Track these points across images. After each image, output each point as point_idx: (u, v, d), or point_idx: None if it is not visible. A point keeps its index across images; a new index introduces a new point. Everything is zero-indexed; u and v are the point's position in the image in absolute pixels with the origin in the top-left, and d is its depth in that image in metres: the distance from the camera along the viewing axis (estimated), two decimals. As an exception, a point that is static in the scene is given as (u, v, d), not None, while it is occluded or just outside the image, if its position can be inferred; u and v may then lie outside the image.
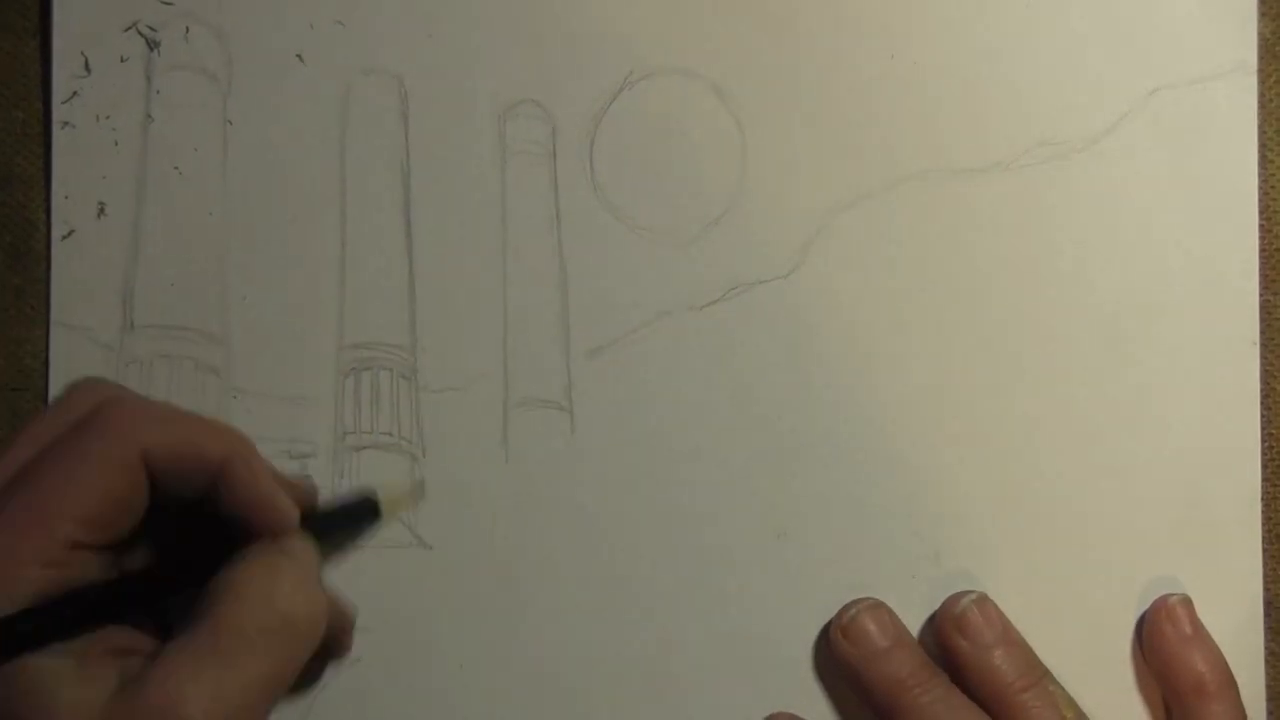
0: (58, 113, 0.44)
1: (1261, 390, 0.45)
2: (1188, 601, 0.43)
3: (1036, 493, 0.44)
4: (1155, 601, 0.44)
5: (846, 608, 0.43)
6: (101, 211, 0.44)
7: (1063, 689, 0.42)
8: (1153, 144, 0.45)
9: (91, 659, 0.33)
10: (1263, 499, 0.44)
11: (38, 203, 0.44)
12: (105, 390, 0.36)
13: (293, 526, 0.36)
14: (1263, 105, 0.45)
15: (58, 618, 0.32)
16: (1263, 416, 0.45)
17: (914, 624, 0.44)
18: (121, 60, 0.44)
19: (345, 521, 0.39)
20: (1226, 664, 0.42)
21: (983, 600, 0.43)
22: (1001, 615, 0.43)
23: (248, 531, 0.35)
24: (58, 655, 0.32)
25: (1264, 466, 0.45)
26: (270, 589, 0.34)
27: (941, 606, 0.43)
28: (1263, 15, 0.45)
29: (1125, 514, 0.44)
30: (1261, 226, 0.45)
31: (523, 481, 0.44)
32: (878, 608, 0.43)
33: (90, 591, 0.33)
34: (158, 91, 0.44)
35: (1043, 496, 0.44)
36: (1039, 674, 0.42)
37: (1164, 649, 0.43)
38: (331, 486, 0.44)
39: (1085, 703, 0.42)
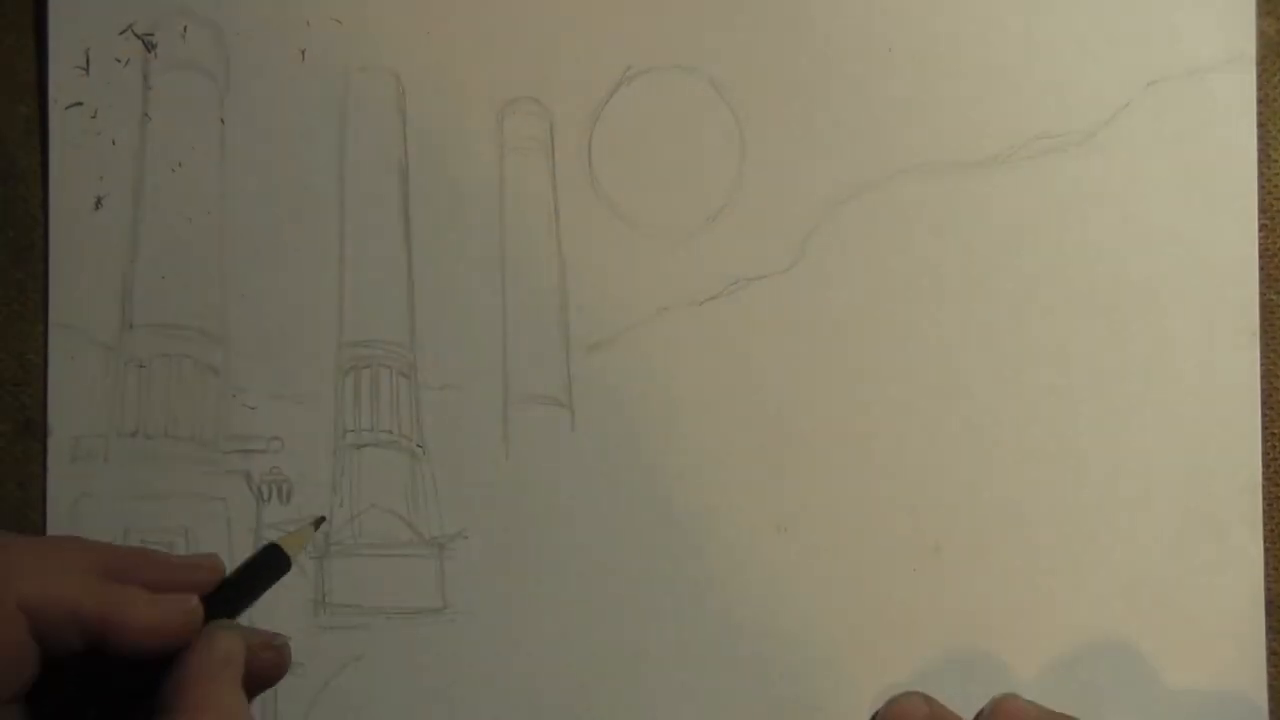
0: (55, 111, 0.44)
1: (1262, 390, 0.45)
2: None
3: (1036, 488, 0.44)
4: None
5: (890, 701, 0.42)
6: (99, 210, 0.44)
7: None
8: (1151, 136, 0.45)
9: None
10: (1263, 498, 0.44)
11: (40, 197, 0.44)
12: None
13: (190, 632, 0.33)
14: (1264, 103, 0.45)
15: None
16: (1264, 416, 0.45)
17: (914, 620, 0.44)
18: (119, 59, 0.44)
19: (256, 577, 0.37)
20: None
21: (1009, 697, 0.42)
22: (1031, 703, 0.41)
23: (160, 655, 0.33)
24: None
25: (1265, 466, 0.44)
26: None
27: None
28: (1265, 14, 0.45)
29: (1125, 510, 0.44)
30: (1262, 226, 0.45)
31: (523, 477, 0.44)
32: (913, 695, 0.43)
33: None
34: (155, 90, 0.44)
35: (1043, 491, 0.44)
36: None
37: None
38: (333, 485, 0.44)
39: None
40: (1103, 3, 0.45)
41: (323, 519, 0.38)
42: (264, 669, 0.34)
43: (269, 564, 0.37)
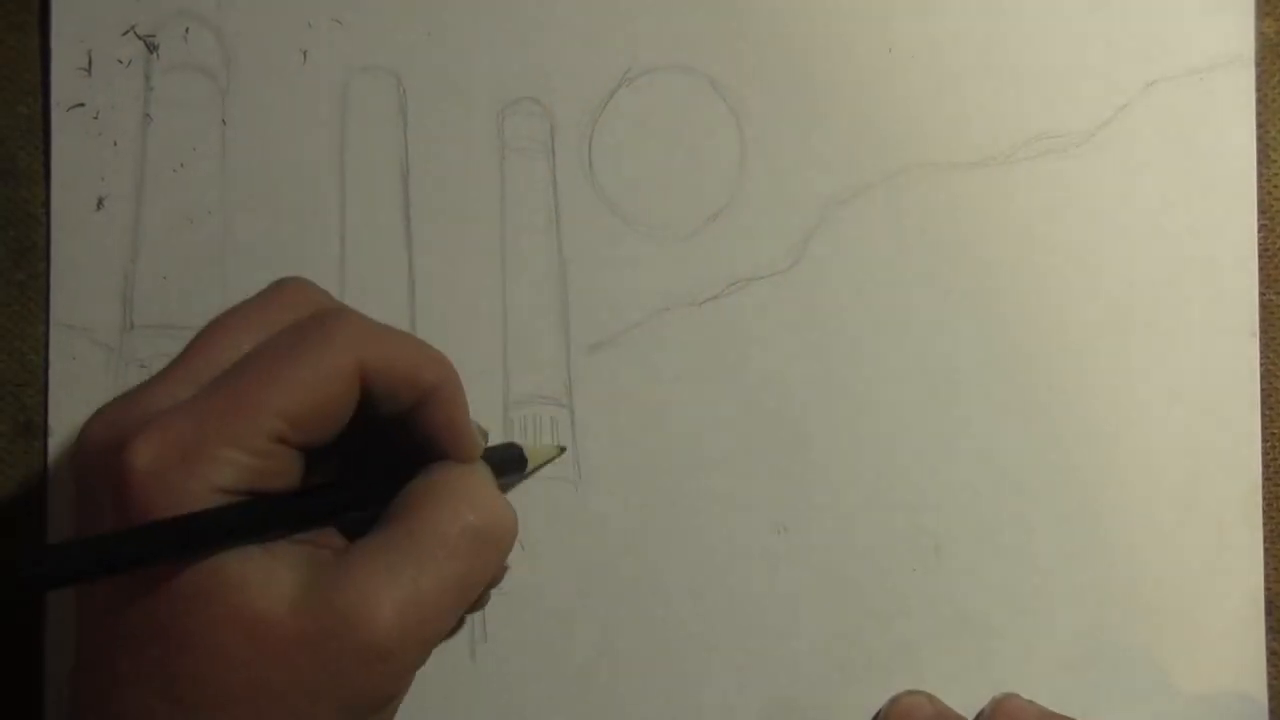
0: (57, 112, 0.44)
1: (1262, 390, 0.45)
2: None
3: (1036, 487, 0.44)
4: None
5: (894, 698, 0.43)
6: (100, 211, 0.44)
7: None
8: (1151, 136, 0.45)
9: (279, 545, 0.33)
10: (1263, 498, 0.44)
11: (42, 198, 0.44)
12: (322, 298, 0.37)
13: (479, 455, 0.37)
14: (1264, 103, 0.45)
15: (253, 519, 0.32)
16: (1264, 416, 0.45)
17: (915, 618, 0.44)
18: (121, 60, 0.44)
19: (500, 465, 0.40)
20: None
21: (1010, 696, 0.43)
22: (1031, 703, 0.42)
23: (436, 455, 0.36)
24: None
25: (1265, 466, 0.44)
26: (470, 496, 0.35)
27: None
28: (1265, 14, 0.45)
29: (1125, 510, 0.44)
30: (1262, 226, 0.45)
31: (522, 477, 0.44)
32: (917, 694, 0.43)
33: (285, 499, 0.33)
34: (157, 91, 0.44)
35: (1043, 491, 0.44)
36: None
37: None
38: (332, 484, 0.44)
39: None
40: (1103, 3, 0.45)
41: (564, 449, 0.43)
42: None
43: (509, 460, 0.41)
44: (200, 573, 0.32)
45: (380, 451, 0.37)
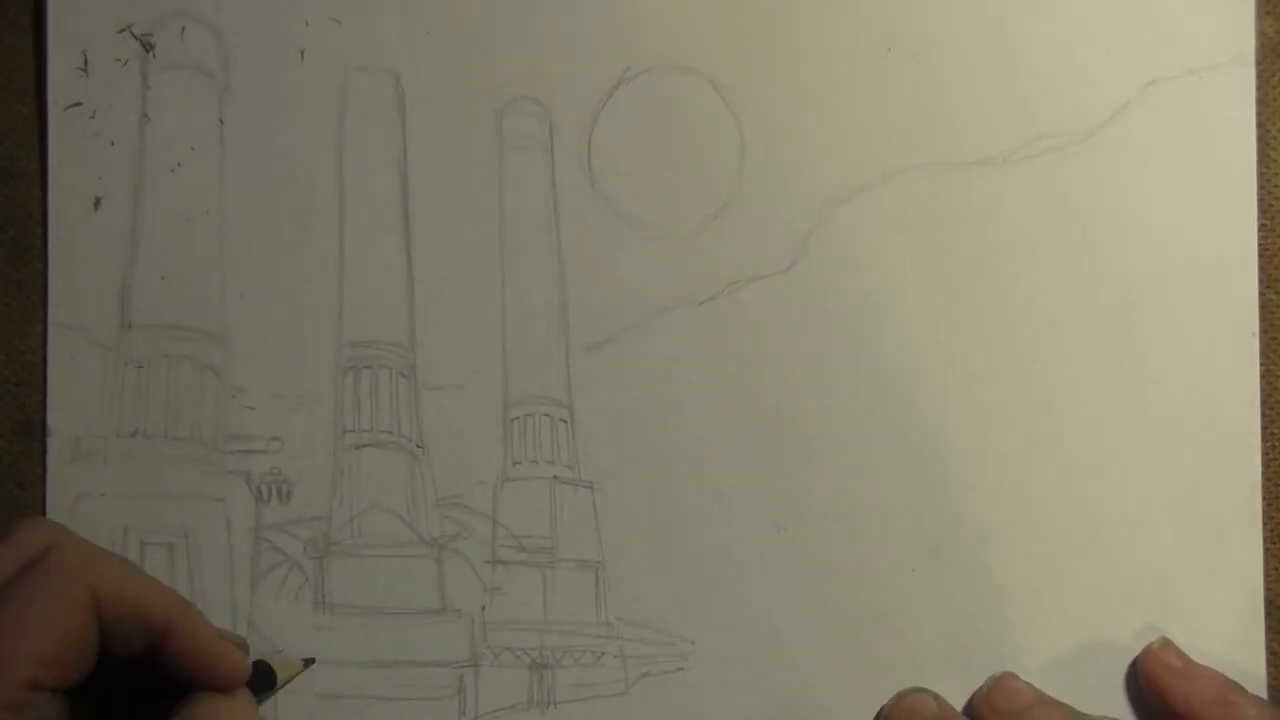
0: (54, 112, 0.44)
1: (1262, 389, 0.45)
2: (1168, 642, 0.43)
3: (1036, 487, 0.44)
4: (1141, 654, 0.43)
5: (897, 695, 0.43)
6: (98, 211, 0.44)
7: None
8: (1151, 135, 0.45)
9: None
10: (1263, 497, 0.44)
11: (39, 197, 0.44)
12: (54, 532, 0.37)
13: (244, 680, 0.37)
14: (1263, 103, 0.45)
15: None
16: (1264, 415, 0.45)
17: (914, 620, 0.44)
18: (118, 59, 0.44)
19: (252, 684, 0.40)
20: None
21: (1007, 676, 0.43)
22: (1029, 685, 0.43)
23: (199, 685, 0.36)
24: None
25: (1265, 466, 0.44)
26: None
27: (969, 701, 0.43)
28: (1265, 14, 0.45)
29: (1125, 510, 0.44)
30: (1262, 226, 0.45)
31: (522, 477, 0.44)
32: (922, 692, 0.43)
33: None
34: (154, 90, 0.44)
35: (1043, 490, 0.44)
36: None
37: (1166, 681, 0.42)
38: (332, 485, 0.44)
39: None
40: (1102, 3, 0.45)
41: (312, 661, 0.42)
42: None
43: (257, 677, 0.40)
44: None
45: (146, 686, 0.37)
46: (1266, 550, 0.44)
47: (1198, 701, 0.42)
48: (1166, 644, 0.43)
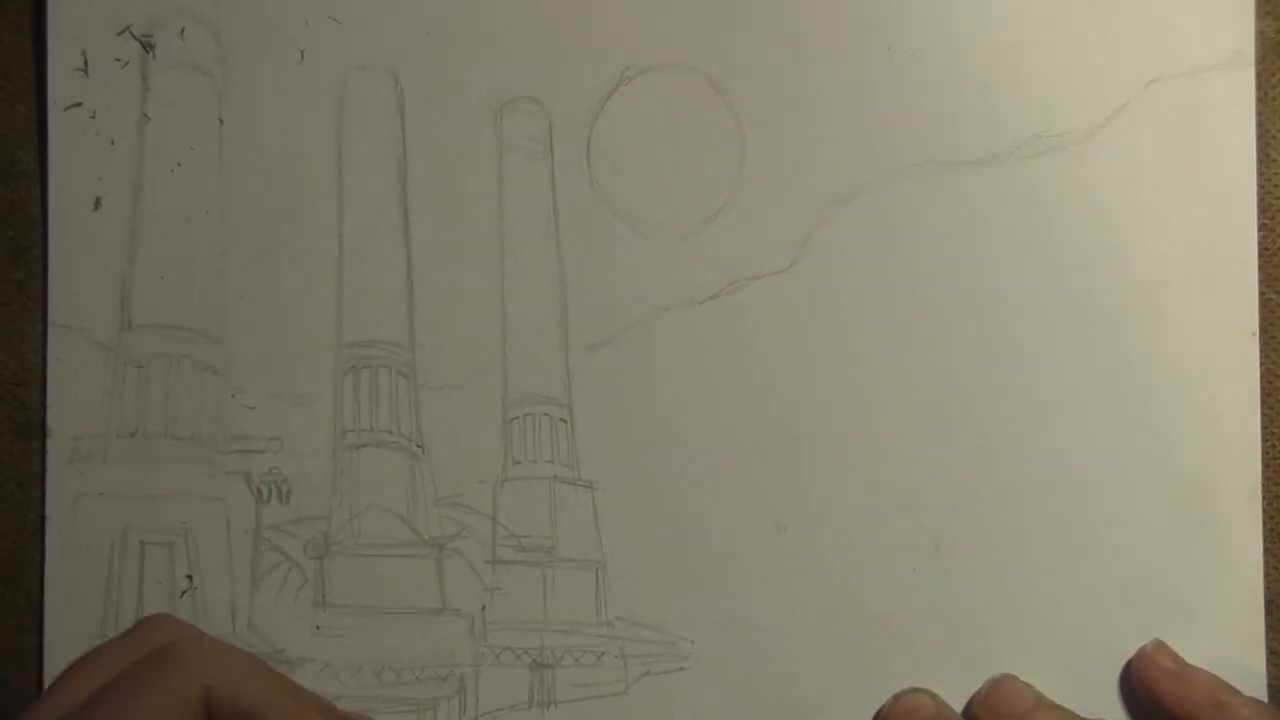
0: (54, 112, 0.44)
1: (1262, 389, 0.45)
2: (1162, 644, 0.43)
3: (1036, 487, 0.44)
4: (1135, 656, 0.44)
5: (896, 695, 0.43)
6: (98, 211, 0.44)
7: None
8: (1151, 135, 0.45)
9: None
10: (1263, 498, 0.44)
11: (39, 197, 0.44)
12: (182, 628, 0.37)
13: None
14: (1263, 103, 0.45)
15: None
16: (1264, 415, 0.45)
17: (914, 620, 0.44)
18: (118, 60, 0.44)
19: None
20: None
21: (1007, 678, 0.43)
22: (1029, 686, 0.43)
23: None
24: None
25: (1265, 466, 0.44)
26: None
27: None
28: (1265, 14, 0.45)
29: (1125, 509, 0.44)
30: (1262, 226, 0.45)
31: (522, 477, 0.44)
32: (920, 692, 0.43)
33: None
34: (154, 90, 0.44)
35: (1043, 490, 0.44)
36: None
37: (1161, 684, 0.43)
38: (332, 485, 0.44)
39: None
40: (1103, 3, 0.45)
41: None
42: None
43: None
44: None
45: None
46: (1266, 550, 0.44)
47: (1191, 703, 0.42)
48: (1160, 646, 0.43)
